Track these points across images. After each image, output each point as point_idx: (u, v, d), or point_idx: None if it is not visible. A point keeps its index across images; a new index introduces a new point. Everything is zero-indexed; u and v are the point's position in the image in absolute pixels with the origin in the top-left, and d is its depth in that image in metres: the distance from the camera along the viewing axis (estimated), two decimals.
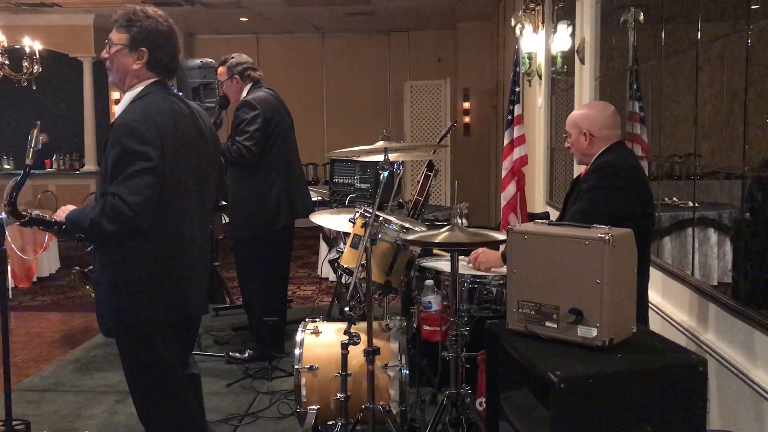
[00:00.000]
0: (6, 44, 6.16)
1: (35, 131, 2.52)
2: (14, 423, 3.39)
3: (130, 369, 2.64)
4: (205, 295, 2.72)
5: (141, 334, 2.54)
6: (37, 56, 6.36)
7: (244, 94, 4.50)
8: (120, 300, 2.49)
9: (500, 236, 2.95)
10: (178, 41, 2.63)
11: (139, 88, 2.54)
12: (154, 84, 2.55)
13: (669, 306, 3.28)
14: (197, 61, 5.22)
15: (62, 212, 2.52)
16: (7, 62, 6.14)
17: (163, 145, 2.42)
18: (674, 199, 3.42)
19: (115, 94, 10.91)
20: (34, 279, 7.12)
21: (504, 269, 3.15)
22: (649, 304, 3.12)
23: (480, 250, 3.14)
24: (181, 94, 4.22)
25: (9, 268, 3.51)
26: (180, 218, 2.52)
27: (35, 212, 2.55)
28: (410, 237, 2.99)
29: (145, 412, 2.70)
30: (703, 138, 3.03)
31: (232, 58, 4.54)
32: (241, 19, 10.08)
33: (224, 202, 4.76)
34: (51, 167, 9.88)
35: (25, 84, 6.41)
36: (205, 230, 2.69)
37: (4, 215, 3.34)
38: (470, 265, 3.18)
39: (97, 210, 2.37)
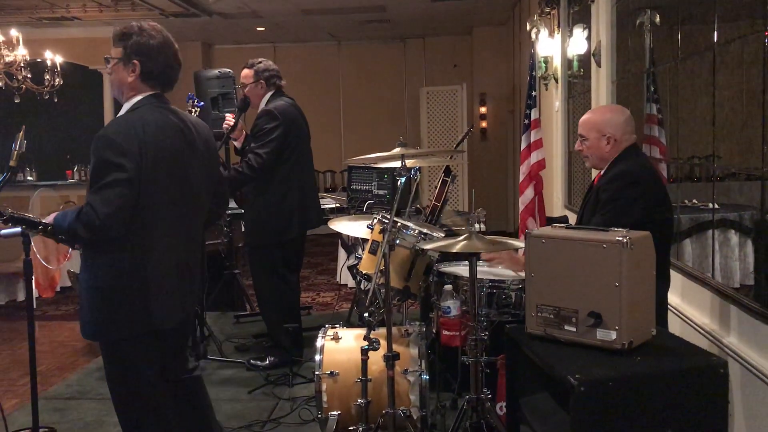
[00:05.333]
0: (28, 58, 6.25)
1: (20, 134, 2.63)
2: (41, 430, 3.46)
3: (108, 376, 2.68)
4: (179, 307, 2.66)
5: (115, 340, 2.58)
6: (59, 69, 6.44)
7: (266, 100, 4.53)
8: (96, 305, 2.54)
9: (517, 243, 2.95)
10: (174, 54, 2.65)
11: (134, 101, 2.60)
12: (149, 97, 2.60)
13: (689, 308, 3.25)
14: (215, 71, 5.29)
15: (51, 217, 2.59)
16: (29, 76, 6.23)
17: (142, 157, 2.45)
18: (694, 201, 3.40)
19: None
20: (58, 288, 7.20)
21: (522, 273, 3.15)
22: (669, 307, 3.10)
23: (504, 253, 3.12)
24: (201, 104, 4.19)
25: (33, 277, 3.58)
26: (156, 229, 2.54)
27: (16, 212, 2.61)
28: (428, 245, 3.00)
29: (124, 421, 2.70)
30: (721, 139, 3.02)
31: (260, 63, 4.56)
32: (258, 28, 10.16)
33: (242, 211, 4.80)
34: (72, 178, 9.99)
35: (47, 97, 6.51)
36: (192, 241, 2.70)
37: None
38: (489, 264, 3.18)
39: (74, 216, 2.44)
